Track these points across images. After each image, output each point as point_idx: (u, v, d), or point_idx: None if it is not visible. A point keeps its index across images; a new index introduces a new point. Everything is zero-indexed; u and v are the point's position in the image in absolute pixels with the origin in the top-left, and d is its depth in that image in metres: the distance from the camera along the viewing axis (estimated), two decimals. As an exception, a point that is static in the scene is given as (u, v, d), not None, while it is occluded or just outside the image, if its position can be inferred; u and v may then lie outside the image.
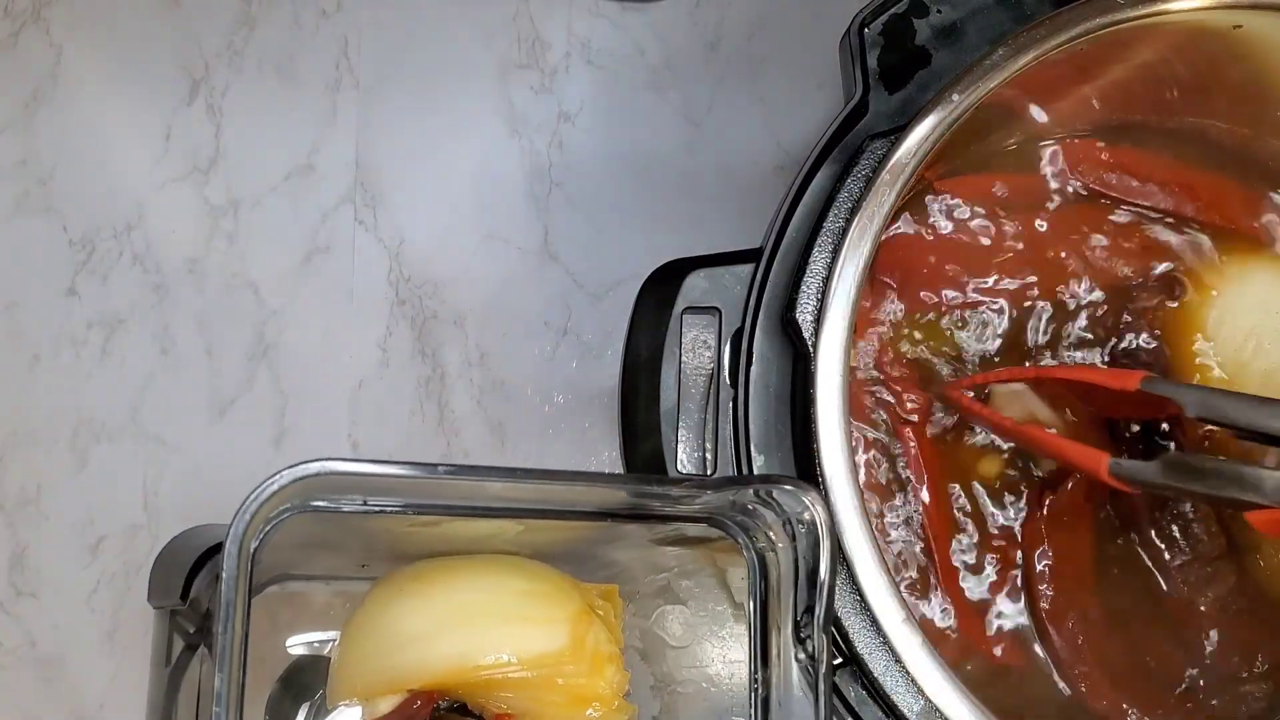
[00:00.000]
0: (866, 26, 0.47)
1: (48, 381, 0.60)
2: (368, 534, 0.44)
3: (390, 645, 0.42)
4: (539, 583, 0.44)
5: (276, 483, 0.35)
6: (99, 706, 0.58)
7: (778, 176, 0.62)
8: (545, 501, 0.44)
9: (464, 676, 0.42)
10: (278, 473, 0.35)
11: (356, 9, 0.62)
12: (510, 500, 0.43)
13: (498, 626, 0.42)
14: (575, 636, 0.42)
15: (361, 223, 0.61)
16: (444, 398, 0.60)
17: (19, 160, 0.61)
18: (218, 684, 0.34)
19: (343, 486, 0.40)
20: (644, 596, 0.49)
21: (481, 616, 0.43)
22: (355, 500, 0.41)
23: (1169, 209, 0.52)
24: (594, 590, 0.45)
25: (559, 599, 0.43)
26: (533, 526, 0.44)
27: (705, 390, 0.47)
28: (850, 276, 0.44)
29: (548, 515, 0.44)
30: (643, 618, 0.49)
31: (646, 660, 0.49)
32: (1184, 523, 0.50)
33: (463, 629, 0.42)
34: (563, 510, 0.44)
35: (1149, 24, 0.45)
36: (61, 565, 0.59)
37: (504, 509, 0.43)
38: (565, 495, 0.44)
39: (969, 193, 0.52)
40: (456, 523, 0.44)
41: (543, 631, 0.42)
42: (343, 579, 0.47)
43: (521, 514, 0.44)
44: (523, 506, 0.43)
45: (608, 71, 0.63)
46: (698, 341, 0.47)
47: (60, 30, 0.61)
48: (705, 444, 0.47)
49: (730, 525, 0.45)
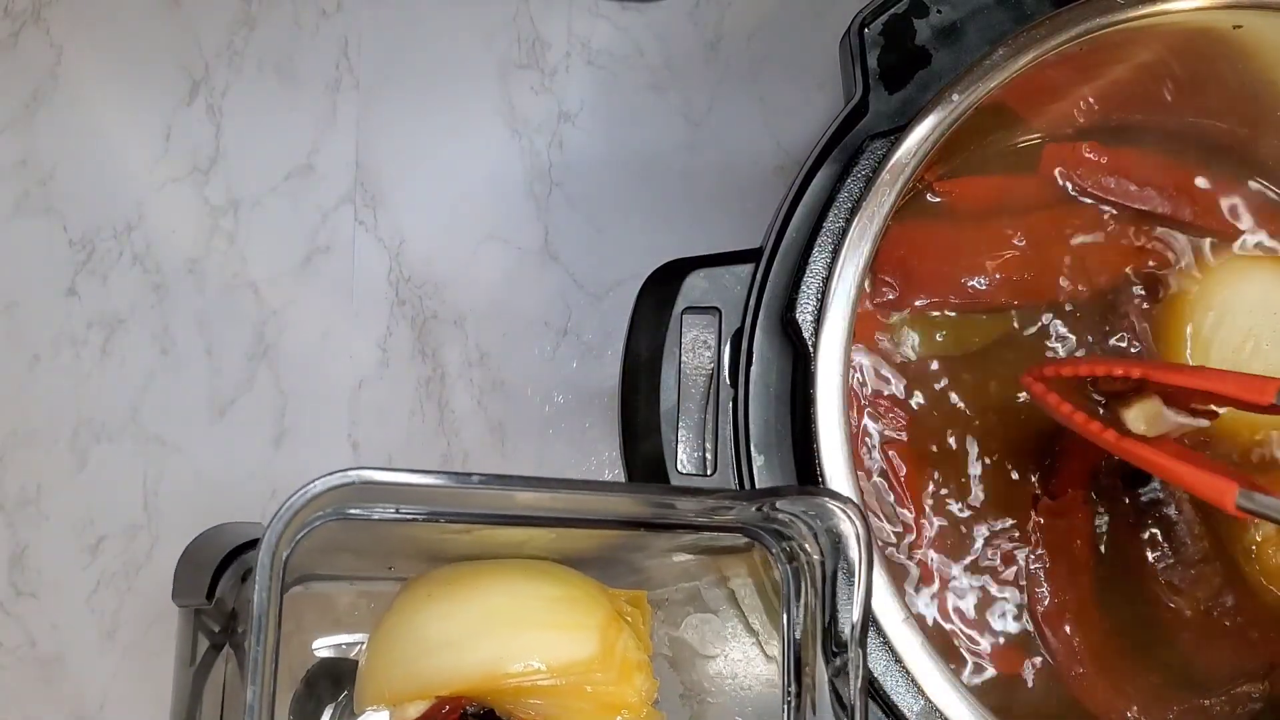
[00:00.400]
0: (866, 26, 0.47)
1: (48, 381, 0.60)
2: (396, 538, 0.44)
3: (420, 650, 0.42)
4: (569, 589, 0.43)
5: (310, 492, 0.35)
6: (99, 707, 0.58)
7: (778, 176, 0.62)
8: (578, 511, 0.43)
9: (493, 683, 0.41)
10: (311, 481, 0.35)
11: (356, 9, 0.62)
12: (544, 509, 0.43)
13: (528, 633, 0.42)
14: (605, 644, 0.42)
15: (361, 223, 0.61)
16: (444, 398, 0.60)
17: (19, 160, 0.61)
18: (250, 697, 0.33)
19: (376, 495, 0.40)
20: (673, 604, 0.49)
21: (512, 623, 0.42)
22: (388, 509, 0.41)
23: (1167, 213, 0.52)
24: (622, 596, 0.45)
25: (589, 606, 0.43)
26: (564, 534, 0.44)
27: (705, 390, 0.47)
28: (850, 276, 0.44)
29: (580, 524, 0.43)
30: (672, 625, 0.49)
31: (675, 668, 0.48)
32: (1167, 525, 0.50)
33: (494, 635, 0.42)
34: (596, 519, 0.43)
35: (1149, 24, 0.45)
36: (61, 565, 0.59)
37: (536, 517, 0.43)
38: (598, 505, 0.43)
39: (969, 193, 0.52)
40: (488, 529, 0.43)
41: (573, 638, 0.42)
42: (368, 579, 0.47)
43: (554, 523, 0.43)
44: (555, 515, 0.43)
45: (608, 71, 0.63)
46: (698, 341, 0.47)
47: (60, 30, 0.61)
48: (705, 444, 0.47)
49: (764, 536, 0.44)
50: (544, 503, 0.42)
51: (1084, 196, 0.52)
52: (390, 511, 0.41)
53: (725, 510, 0.42)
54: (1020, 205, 0.52)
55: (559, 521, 0.43)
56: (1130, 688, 0.50)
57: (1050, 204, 0.52)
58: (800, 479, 0.45)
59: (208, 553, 0.46)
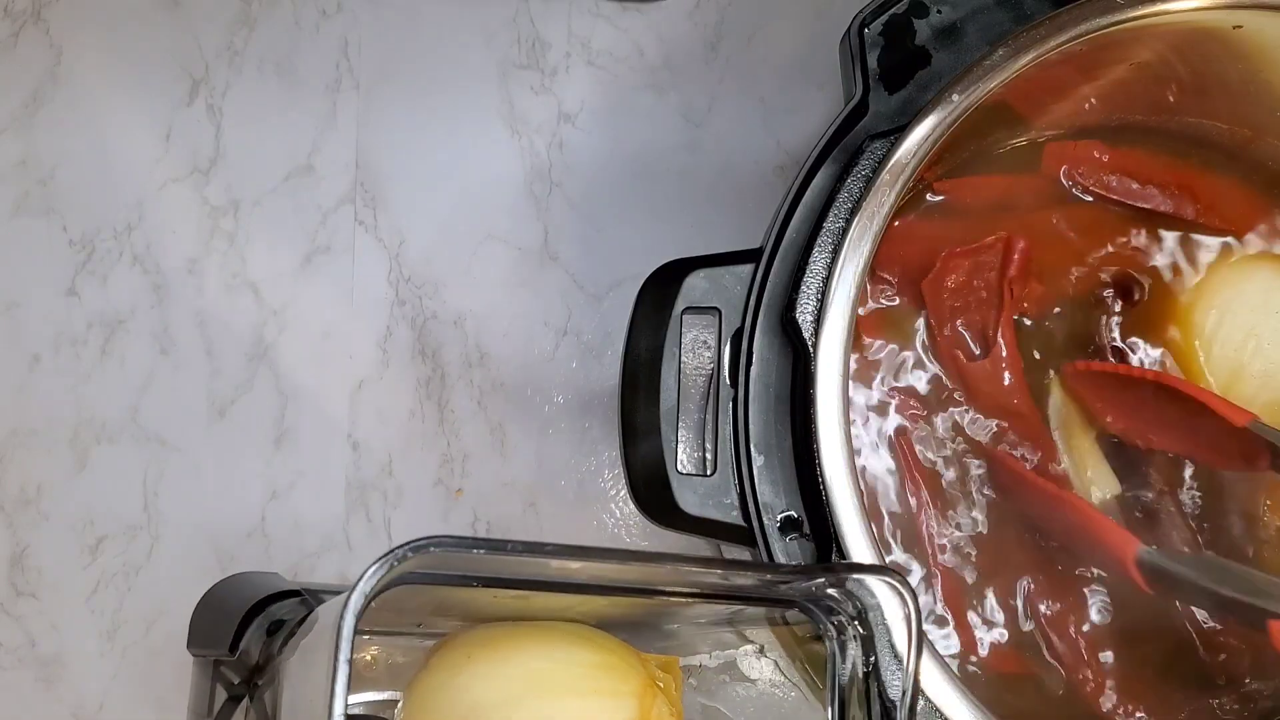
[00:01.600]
0: (866, 27, 0.47)
1: (48, 382, 0.60)
2: (438, 599, 0.43)
3: (462, 712, 0.41)
4: (607, 654, 0.43)
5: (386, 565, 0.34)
6: (99, 706, 0.58)
7: (778, 176, 0.62)
8: (645, 582, 0.42)
9: None
10: (389, 552, 0.34)
11: (356, 9, 0.62)
12: (607, 579, 0.42)
13: (568, 699, 0.42)
14: (642, 711, 0.42)
15: (361, 223, 0.61)
16: (444, 398, 0.60)
17: (19, 160, 0.61)
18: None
19: (448, 563, 0.39)
20: (707, 671, 0.48)
21: (554, 688, 0.42)
22: (454, 574, 0.40)
23: (1169, 211, 0.52)
24: (654, 661, 0.44)
25: (626, 672, 0.43)
26: (615, 600, 0.43)
27: (705, 390, 0.47)
28: (850, 276, 0.44)
29: (641, 593, 0.43)
30: (705, 694, 0.48)
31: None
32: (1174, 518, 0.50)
33: (536, 700, 0.41)
34: (655, 590, 0.43)
35: (1149, 24, 0.45)
36: (61, 565, 0.59)
37: (597, 585, 0.42)
38: (668, 578, 0.42)
39: (969, 193, 0.52)
40: (540, 594, 0.43)
41: (611, 705, 0.41)
42: (391, 634, 0.46)
43: (613, 591, 0.42)
44: (614, 584, 0.42)
45: (608, 72, 0.63)
46: (698, 341, 0.47)
47: (60, 30, 0.61)
48: (705, 444, 0.47)
49: (815, 611, 0.43)
50: (611, 573, 0.41)
51: (1086, 195, 0.52)
52: (457, 578, 0.40)
53: (783, 584, 0.42)
54: (1021, 204, 0.52)
55: (620, 590, 0.42)
56: (1138, 688, 0.50)
57: (1052, 203, 0.52)
58: (800, 479, 0.45)
59: (230, 604, 0.45)
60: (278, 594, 0.46)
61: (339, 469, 0.60)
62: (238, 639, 0.43)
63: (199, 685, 0.46)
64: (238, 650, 0.43)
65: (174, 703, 0.58)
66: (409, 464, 0.60)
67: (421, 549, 0.34)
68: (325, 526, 0.59)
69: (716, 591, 0.43)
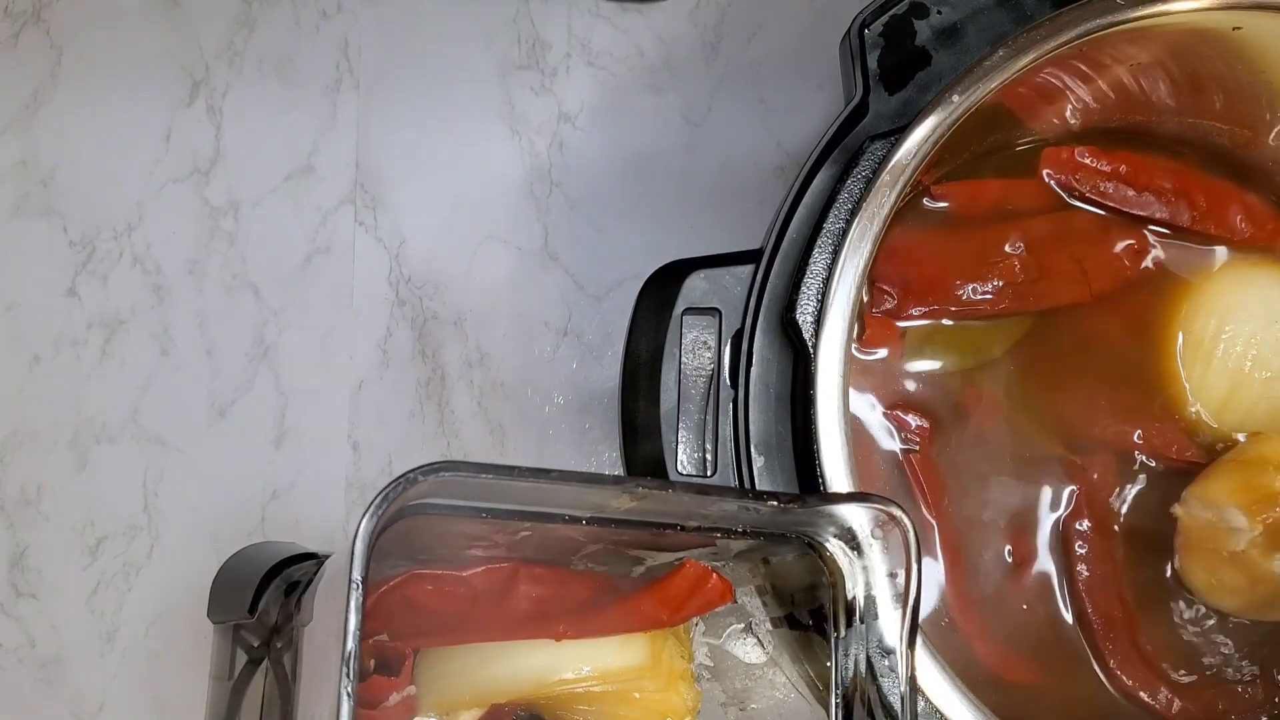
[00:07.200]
0: (866, 27, 0.47)
1: (48, 382, 0.60)
2: (449, 537, 0.44)
3: (474, 659, 0.42)
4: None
5: (400, 487, 0.35)
6: (99, 706, 0.58)
7: (778, 177, 0.62)
8: (655, 514, 0.42)
9: (545, 690, 0.42)
10: (402, 476, 0.35)
11: (356, 9, 0.62)
12: (615, 511, 0.42)
13: (580, 640, 0.42)
14: (653, 652, 0.42)
15: (361, 223, 0.61)
16: (444, 398, 0.60)
17: (19, 161, 0.61)
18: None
19: (453, 490, 0.39)
20: (715, 614, 0.48)
21: None
22: (460, 504, 0.41)
23: (1166, 218, 0.52)
24: None
25: None
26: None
27: (705, 391, 0.47)
28: (850, 277, 0.44)
29: (650, 527, 0.43)
30: (713, 636, 0.49)
31: (716, 678, 0.49)
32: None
33: (548, 642, 0.42)
34: (661, 524, 0.43)
35: (1149, 25, 0.45)
36: (61, 565, 0.59)
37: (601, 519, 0.42)
38: (678, 508, 0.42)
39: (967, 198, 0.52)
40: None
41: (623, 646, 0.42)
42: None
43: (618, 524, 0.42)
44: (624, 518, 0.42)
45: (607, 72, 0.63)
46: (698, 342, 0.47)
47: (60, 30, 0.61)
48: (705, 445, 0.47)
49: (816, 543, 0.43)
50: (614, 503, 0.41)
51: (1081, 201, 0.52)
52: (458, 506, 0.40)
53: (786, 515, 0.42)
54: (1018, 210, 0.52)
55: (629, 524, 0.42)
56: (1161, 667, 0.50)
57: (1048, 208, 0.52)
58: (800, 480, 0.45)
59: (249, 568, 0.46)
60: (294, 557, 0.46)
61: (339, 469, 0.60)
62: (257, 599, 0.44)
63: (220, 650, 0.47)
64: (257, 611, 0.44)
65: (174, 703, 0.58)
66: (409, 464, 0.59)
67: (432, 472, 0.35)
68: (325, 526, 0.59)
69: (718, 525, 0.43)
